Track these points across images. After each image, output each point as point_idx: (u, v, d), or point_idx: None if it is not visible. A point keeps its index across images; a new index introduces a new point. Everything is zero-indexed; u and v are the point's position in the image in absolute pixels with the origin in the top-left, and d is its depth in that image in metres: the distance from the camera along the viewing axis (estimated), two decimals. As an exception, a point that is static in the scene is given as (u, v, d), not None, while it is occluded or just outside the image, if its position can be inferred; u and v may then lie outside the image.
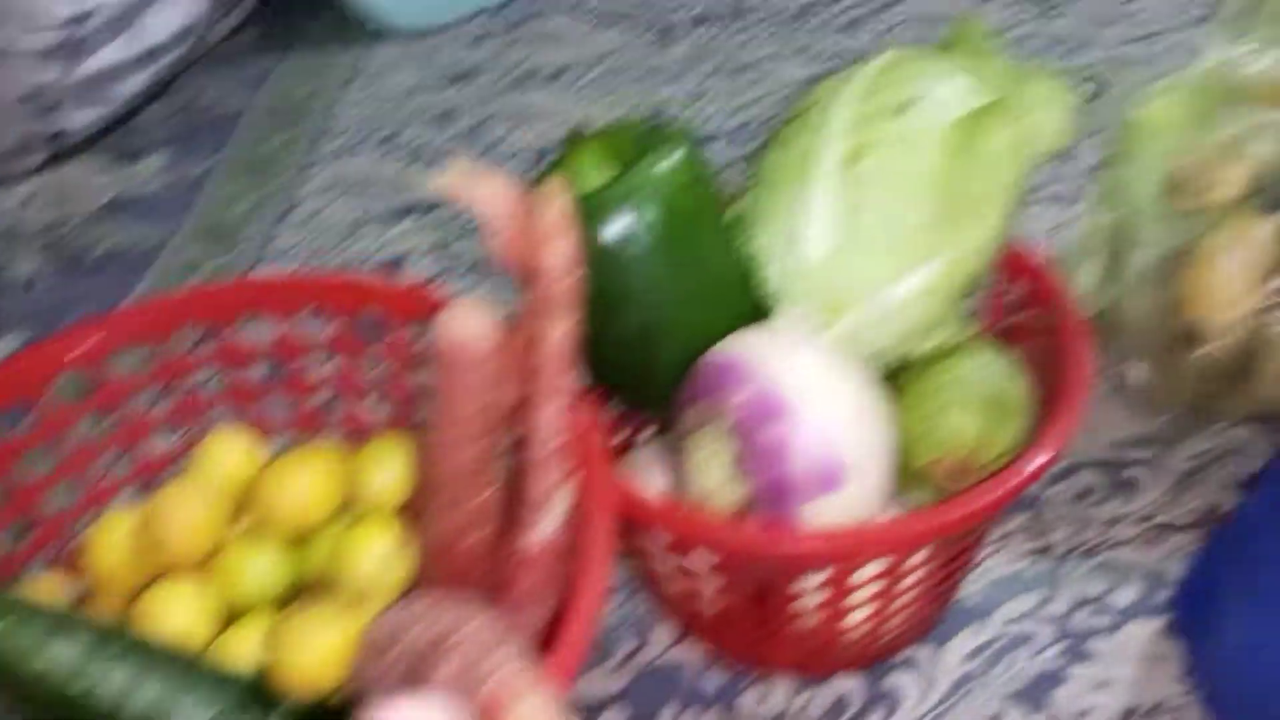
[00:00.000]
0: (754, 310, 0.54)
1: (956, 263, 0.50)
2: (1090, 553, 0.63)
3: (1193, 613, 0.58)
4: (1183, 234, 0.62)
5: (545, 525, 0.45)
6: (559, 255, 0.38)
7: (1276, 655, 0.51)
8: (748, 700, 0.58)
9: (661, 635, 0.61)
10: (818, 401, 0.46)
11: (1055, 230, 0.84)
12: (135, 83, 1.05)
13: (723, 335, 0.51)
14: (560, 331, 0.41)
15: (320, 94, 1.11)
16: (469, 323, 0.41)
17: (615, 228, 0.49)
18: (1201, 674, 0.57)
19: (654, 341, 0.53)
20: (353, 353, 0.58)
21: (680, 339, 0.52)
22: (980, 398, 0.52)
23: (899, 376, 0.55)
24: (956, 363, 0.53)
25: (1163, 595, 0.61)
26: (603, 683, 0.59)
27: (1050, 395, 0.53)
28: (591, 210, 0.49)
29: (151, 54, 1.05)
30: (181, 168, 1.02)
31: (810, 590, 0.50)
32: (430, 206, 0.94)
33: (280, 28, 1.21)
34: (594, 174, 0.52)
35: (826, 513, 0.47)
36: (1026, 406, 0.54)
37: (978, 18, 0.56)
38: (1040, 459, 0.48)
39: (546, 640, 0.44)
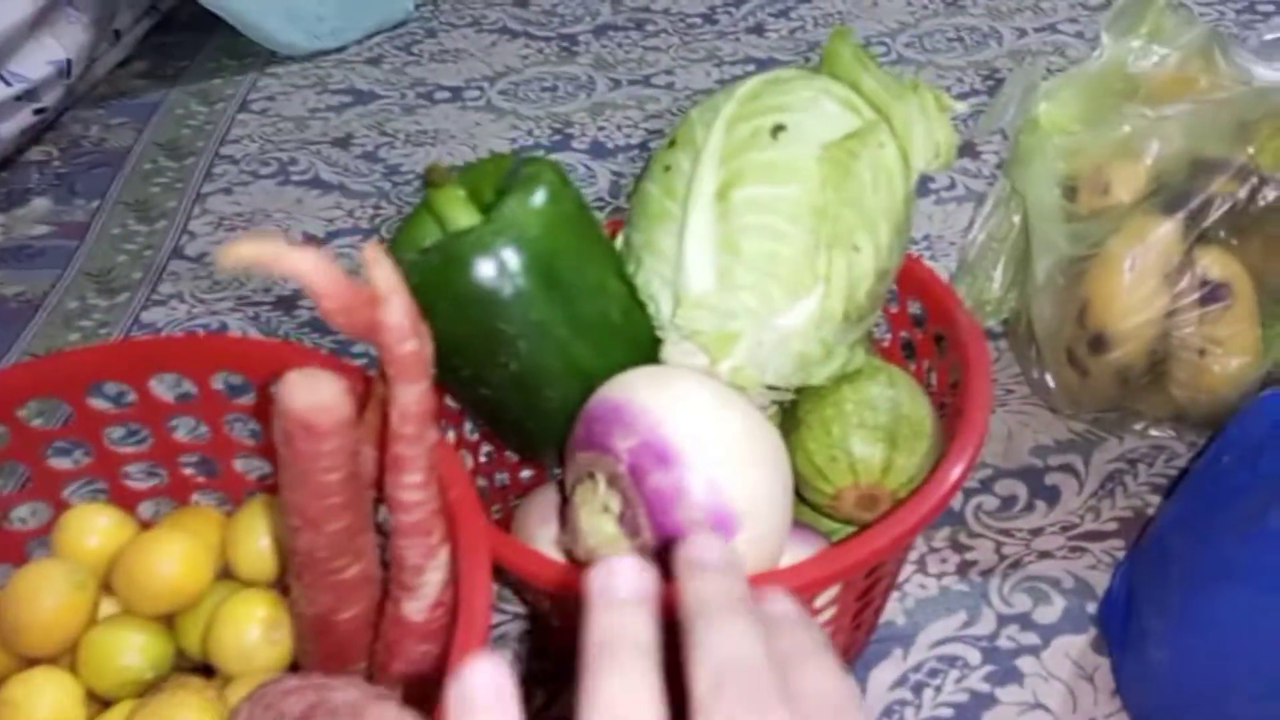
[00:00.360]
0: (643, 346, 0.51)
1: (844, 288, 0.48)
2: (1015, 566, 0.62)
3: (1117, 626, 0.56)
4: (1085, 237, 0.60)
5: (422, 594, 0.42)
6: (395, 317, 0.35)
7: (1195, 668, 0.49)
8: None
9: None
10: (707, 447, 0.44)
11: (969, 230, 0.82)
12: (13, 124, 1.00)
13: (610, 374, 0.49)
14: (412, 395, 0.38)
15: (212, 124, 1.06)
16: (314, 392, 0.38)
17: (485, 269, 0.46)
18: (1128, 689, 0.55)
19: (535, 386, 0.50)
20: (218, 412, 0.54)
21: (563, 381, 0.49)
22: (884, 422, 0.50)
23: (799, 406, 0.52)
24: (857, 388, 0.51)
25: (1090, 608, 0.59)
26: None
27: (955, 410, 0.51)
28: (459, 252, 0.47)
29: (30, 93, 1.00)
30: (67, 210, 0.97)
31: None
32: (332, 234, 0.90)
33: (169, 58, 1.16)
34: (461, 213, 0.49)
35: None
36: (933, 426, 0.52)
37: (849, 30, 0.54)
38: (946, 483, 0.46)
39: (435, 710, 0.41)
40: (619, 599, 0.27)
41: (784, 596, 0.30)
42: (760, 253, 0.47)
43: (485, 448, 0.61)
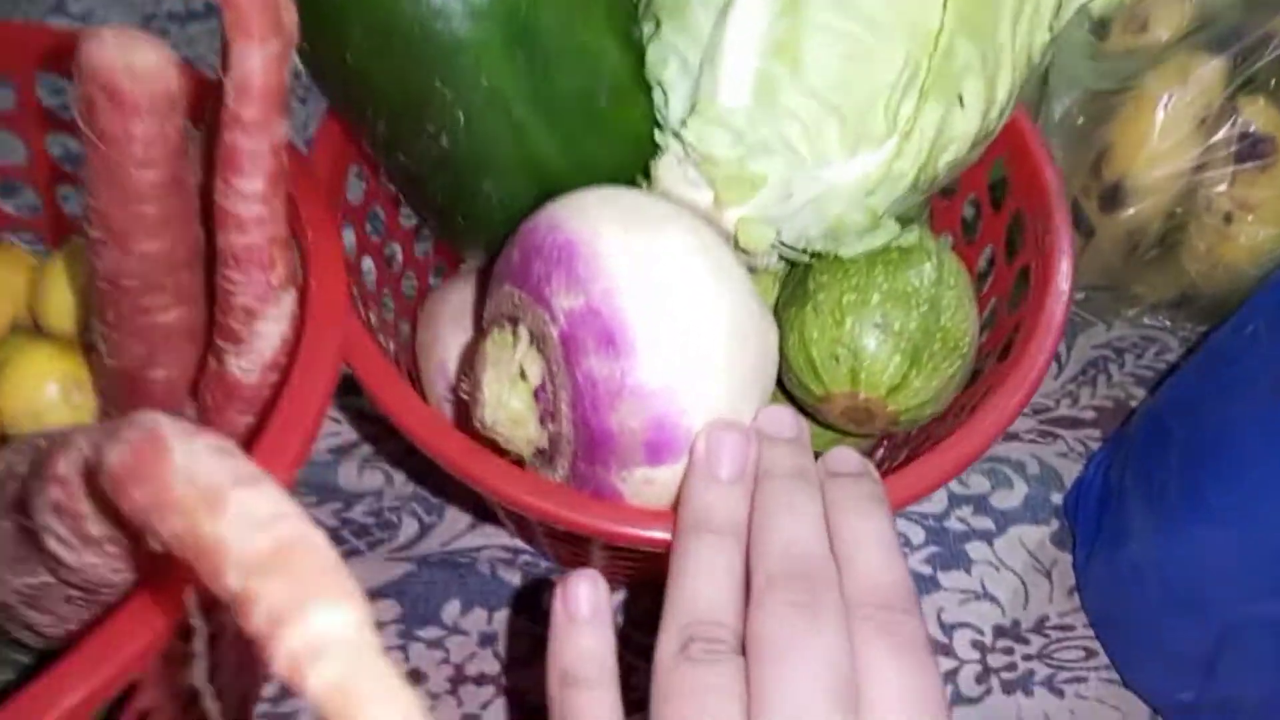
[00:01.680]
0: (634, 147, 0.39)
1: (925, 150, 0.35)
2: (975, 446, 0.54)
3: (1087, 520, 0.49)
4: (1115, 73, 0.51)
5: (253, 348, 0.32)
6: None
7: (1177, 574, 0.42)
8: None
9: (453, 518, 0.49)
10: (676, 341, 0.32)
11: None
12: None
13: (577, 176, 0.37)
14: (255, 62, 0.27)
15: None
16: (128, 51, 0.28)
17: None
18: (1091, 589, 0.48)
19: (470, 173, 0.38)
20: (41, 127, 0.43)
21: (511, 175, 0.38)
22: (913, 329, 0.39)
23: (813, 272, 0.40)
24: (893, 273, 0.39)
25: (1056, 498, 0.52)
26: (378, 569, 0.47)
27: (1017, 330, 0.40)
28: None
29: None
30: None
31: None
32: None
33: None
34: None
35: (648, 490, 0.33)
36: (972, 344, 0.41)
37: None
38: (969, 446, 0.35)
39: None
40: (580, 621, 0.29)
41: (848, 455, 0.33)
42: (826, 72, 0.34)
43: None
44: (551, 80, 0.37)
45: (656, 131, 0.39)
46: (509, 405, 0.34)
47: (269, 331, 0.32)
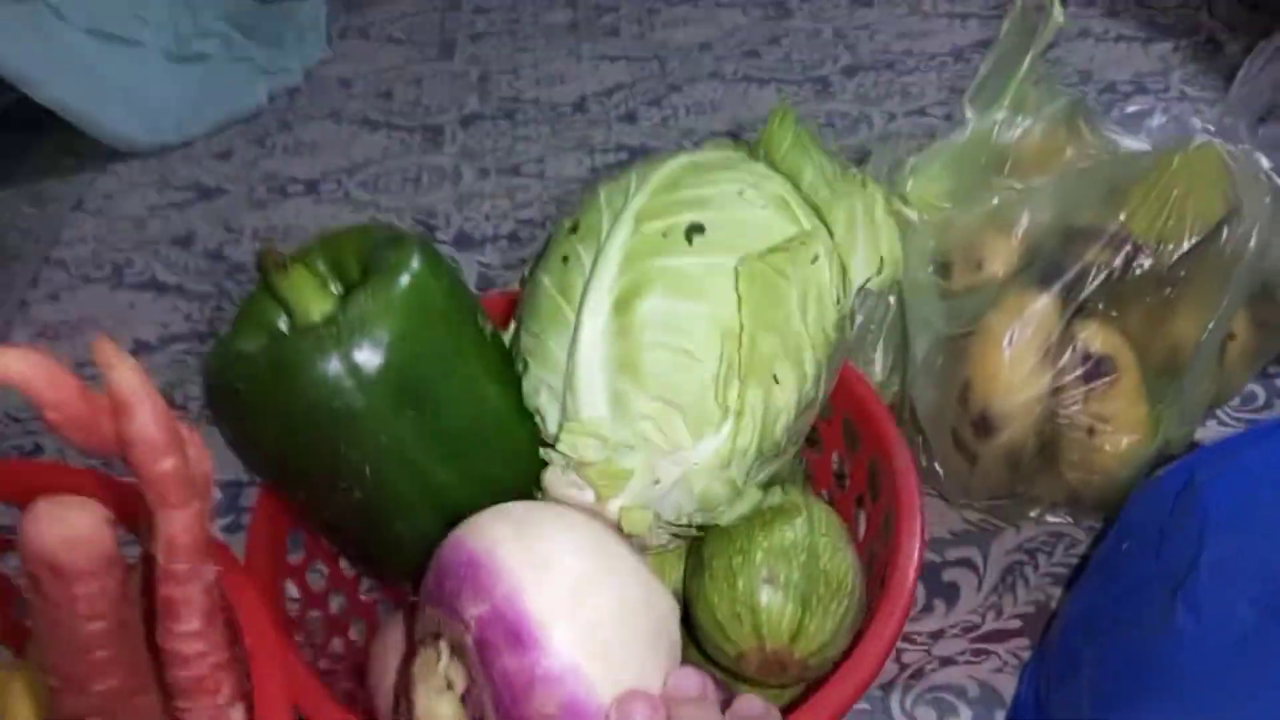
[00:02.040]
0: (522, 463, 0.44)
1: (759, 424, 0.41)
2: (916, 676, 0.56)
3: (1029, 736, 0.51)
4: (961, 313, 0.57)
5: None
6: (144, 429, 0.29)
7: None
8: None
9: None
10: (576, 628, 0.36)
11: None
12: None
13: (478, 499, 0.41)
14: (179, 524, 0.31)
15: (43, 226, 0.98)
16: (63, 524, 0.31)
17: (322, 380, 0.39)
18: (1046, 809, 0.50)
19: (383, 517, 0.42)
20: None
21: (418, 513, 0.42)
22: (798, 578, 0.43)
23: (705, 545, 0.45)
24: (771, 532, 0.44)
25: (999, 717, 0.54)
26: None
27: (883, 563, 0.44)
28: (291, 357, 0.39)
29: None
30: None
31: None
32: (166, 340, 0.82)
33: (-4, 157, 1.08)
34: (313, 299, 0.42)
35: None
36: (856, 581, 0.45)
37: (790, 111, 0.47)
38: (865, 668, 0.39)
39: None
40: None
41: (752, 702, 0.37)
42: (662, 378, 0.40)
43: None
44: (441, 422, 0.42)
45: (541, 449, 0.44)
46: (440, 714, 0.37)
47: (221, 749, 0.34)
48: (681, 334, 0.40)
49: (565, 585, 0.36)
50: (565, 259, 0.44)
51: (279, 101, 1.14)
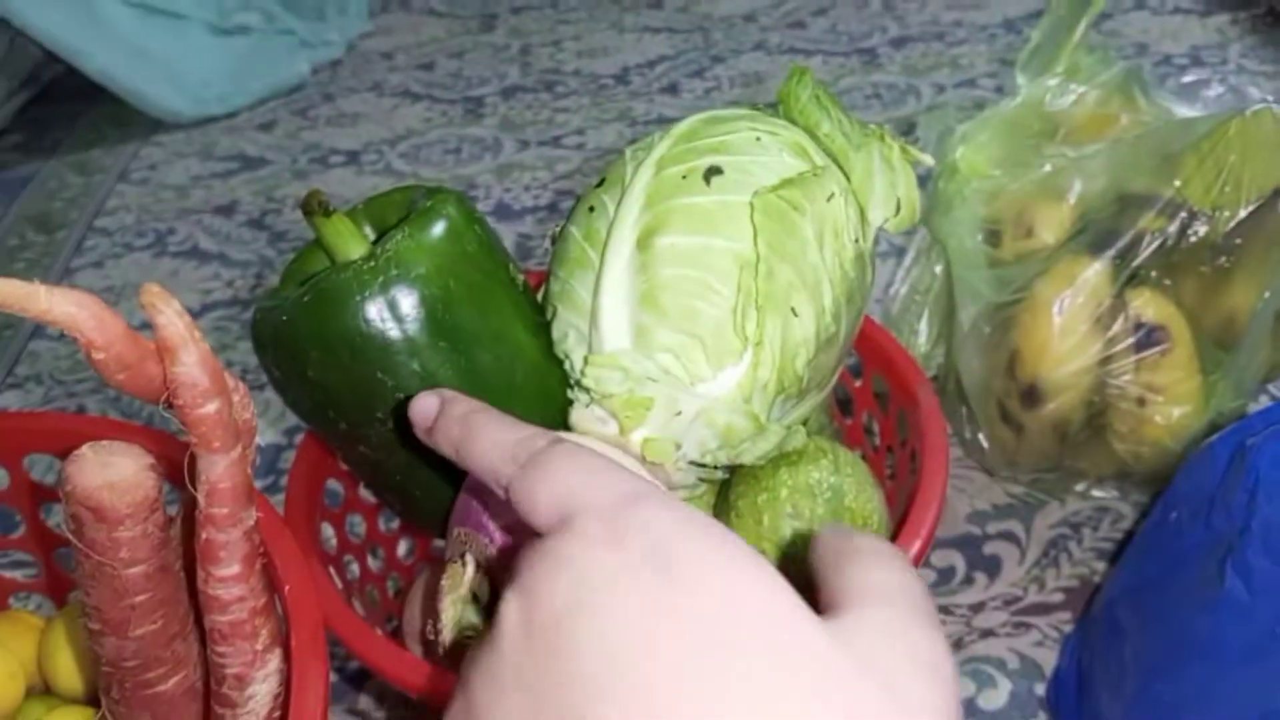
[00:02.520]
0: (553, 409, 0.45)
1: (777, 356, 0.41)
2: (956, 646, 0.55)
3: (1069, 709, 0.50)
4: (1010, 281, 0.56)
5: (248, 709, 0.35)
6: (188, 372, 0.29)
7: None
8: None
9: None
10: None
11: (890, 284, 0.78)
12: None
13: None
14: (220, 469, 0.31)
15: (87, 196, 0.99)
16: (106, 468, 0.31)
17: (363, 310, 0.40)
18: (1088, 783, 0.49)
19: (417, 448, 0.43)
20: (34, 500, 0.47)
21: None
22: (822, 514, 0.44)
23: (731, 487, 0.46)
24: (795, 472, 0.45)
25: (1039, 689, 0.53)
26: None
27: (909, 496, 0.44)
28: (334, 290, 0.41)
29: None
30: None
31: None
32: (208, 307, 0.83)
33: (46, 130, 1.09)
34: (351, 244, 0.43)
35: None
36: (883, 521, 0.45)
37: (807, 70, 0.48)
38: None
39: None
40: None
41: None
42: (682, 310, 0.41)
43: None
44: (473, 360, 0.43)
45: (569, 391, 0.45)
46: (464, 621, 0.38)
47: (260, 692, 0.35)
48: (700, 266, 0.41)
49: None
50: (591, 209, 0.45)
51: (321, 74, 1.14)
